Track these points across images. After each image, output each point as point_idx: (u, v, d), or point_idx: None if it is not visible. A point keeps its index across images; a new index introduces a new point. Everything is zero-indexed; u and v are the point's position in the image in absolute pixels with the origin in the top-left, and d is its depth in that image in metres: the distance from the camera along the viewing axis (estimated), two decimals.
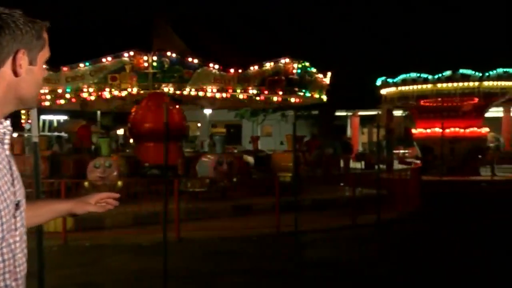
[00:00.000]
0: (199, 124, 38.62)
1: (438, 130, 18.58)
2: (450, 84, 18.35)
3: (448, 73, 18.37)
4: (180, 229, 8.12)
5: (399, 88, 19.67)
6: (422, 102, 19.33)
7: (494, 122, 26.72)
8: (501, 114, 28.27)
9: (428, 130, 19.60)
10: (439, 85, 18.50)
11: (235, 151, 15.44)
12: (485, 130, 19.89)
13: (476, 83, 18.10)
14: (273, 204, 9.06)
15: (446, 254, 7.40)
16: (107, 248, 7.47)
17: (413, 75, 19.09)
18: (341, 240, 8.26)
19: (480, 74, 18.08)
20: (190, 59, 10.24)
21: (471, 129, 19.32)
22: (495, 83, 18.13)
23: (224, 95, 10.71)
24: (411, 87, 19.18)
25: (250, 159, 12.81)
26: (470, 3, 25.82)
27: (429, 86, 18.66)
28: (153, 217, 8.13)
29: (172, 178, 8.93)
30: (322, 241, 8.15)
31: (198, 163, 10.94)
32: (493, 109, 21.50)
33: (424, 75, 18.94)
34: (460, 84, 18.26)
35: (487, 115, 20.51)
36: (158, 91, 10.65)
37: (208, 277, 6.19)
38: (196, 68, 10.26)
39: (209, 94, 10.64)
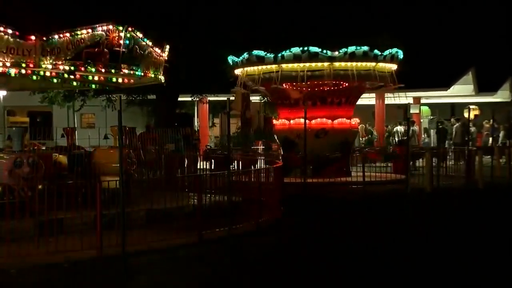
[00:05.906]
0: None
1: (302, 121, 19.27)
2: (296, 64, 18.76)
3: (293, 50, 18.66)
4: None
5: (245, 68, 20.00)
6: (271, 86, 19.55)
7: (364, 112, 28.92)
8: (373, 102, 30.34)
9: (292, 121, 20.31)
10: (283, 65, 18.89)
11: (43, 148, 14.76)
12: (355, 121, 21.11)
13: (326, 64, 18.66)
14: (93, 218, 8.91)
15: (305, 276, 7.78)
16: None
17: (256, 53, 19.33)
18: (182, 262, 8.36)
19: (330, 53, 18.61)
20: None
21: (339, 120, 20.39)
22: (348, 63, 18.70)
23: (23, 71, 10.17)
24: (255, 67, 19.55)
25: (63, 158, 12.48)
26: None
27: (273, 66, 19.02)
28: None
29: None
30: (158, 264, 8.16)
31: None
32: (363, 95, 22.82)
33: (261, 53, 19.21)
34: (307, 64, 18.69)
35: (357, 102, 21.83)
36: None
37: None
38: None
39: None
